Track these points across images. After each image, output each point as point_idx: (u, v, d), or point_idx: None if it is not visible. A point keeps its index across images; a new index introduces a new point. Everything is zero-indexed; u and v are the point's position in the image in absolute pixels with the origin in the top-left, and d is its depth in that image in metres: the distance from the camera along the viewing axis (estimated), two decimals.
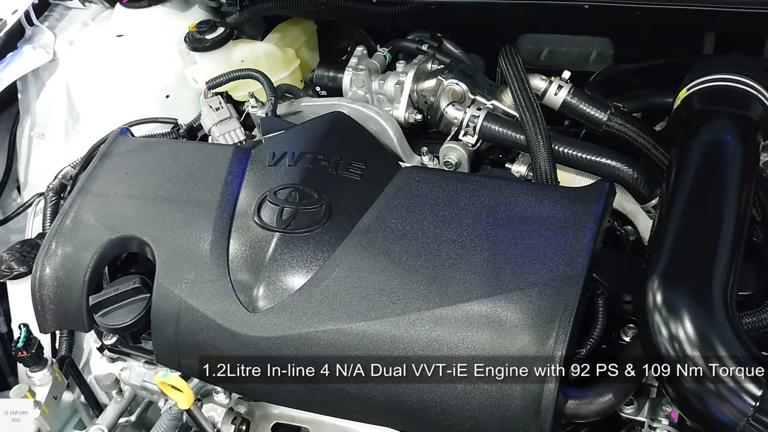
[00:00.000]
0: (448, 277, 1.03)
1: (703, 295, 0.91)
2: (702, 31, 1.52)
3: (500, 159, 1.35)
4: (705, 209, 0.98)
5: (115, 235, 1.23)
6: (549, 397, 0.93)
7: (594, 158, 1.20)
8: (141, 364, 1.31)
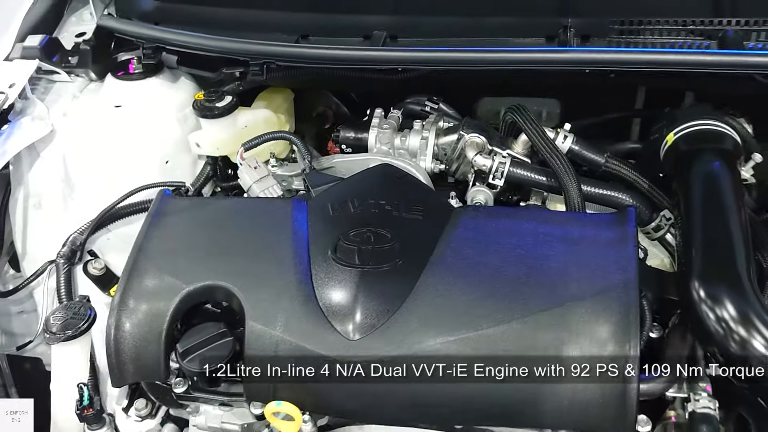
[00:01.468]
0: (524, 293, 1.23)
1: (737, 284, 1.18)
2: (635, 89, 1.86)
3: (510, 199, 1.60)
4: (718, 219, 1.28)
5: (192, 286, 1.32)
6: (633, 384, 1.14)
7: (603, 192, 1.48)
8: (215, 407, 1.38)
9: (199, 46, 1.67)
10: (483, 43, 1.59)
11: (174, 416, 1.62)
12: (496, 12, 1.64)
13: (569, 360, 1.17)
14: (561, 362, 1.17)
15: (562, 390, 1.17)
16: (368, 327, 1.23)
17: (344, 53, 1.58)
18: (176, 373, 1.34)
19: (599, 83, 1.69)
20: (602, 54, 1.49)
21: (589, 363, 1.16)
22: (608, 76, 1.57)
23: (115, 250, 1.78)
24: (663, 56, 1.47)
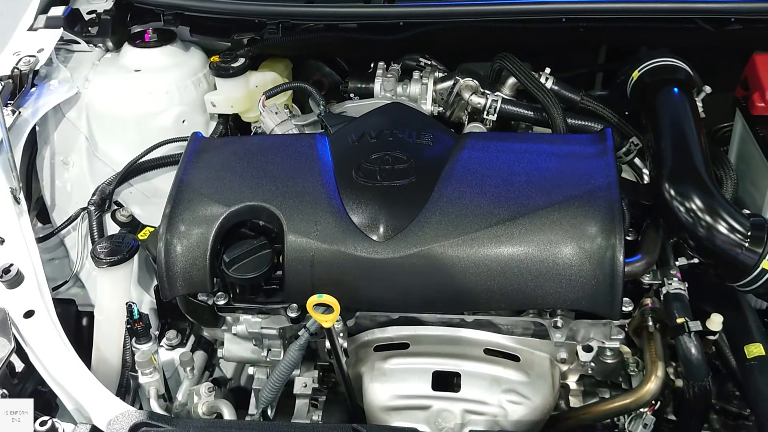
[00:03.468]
0: (524, 196, 1.44)
1: (701, 182, 1.42)
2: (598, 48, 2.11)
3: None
4: (684, 133, 1.52)
5: (234, 207, 1.50)
6: (619, 266, 1.35)
7: (581, 122, 1.73)
8: (254, 316, 1.55)
9: (218, 9, 1.86)
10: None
11: (203, 343, 1.80)
12: None
13: (566, 248, 1.39)
14: (559, 250, 1.39)
15: (562, 275, 1.39)
16: (392, 231, 1.43)
17: (351, 11, 1.80)
18: (219, 287, 1.52)
19: (568, 42, 1.95)
20: (576, 5, 1.74)
21: (582, 249, 1.38)
22: (579, 30, 1.82)
23: (137, 202, 1.95)
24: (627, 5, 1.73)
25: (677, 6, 1.71)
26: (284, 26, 1.84)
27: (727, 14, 1.72)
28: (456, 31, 1.91)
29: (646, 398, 1.47)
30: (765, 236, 1.35)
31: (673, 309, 1.45)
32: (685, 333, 1.41)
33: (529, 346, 1.53)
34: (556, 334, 1.47)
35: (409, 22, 1.82)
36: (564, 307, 1.45)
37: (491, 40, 1.97)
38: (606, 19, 1.77)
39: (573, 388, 1.64)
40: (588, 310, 1.42)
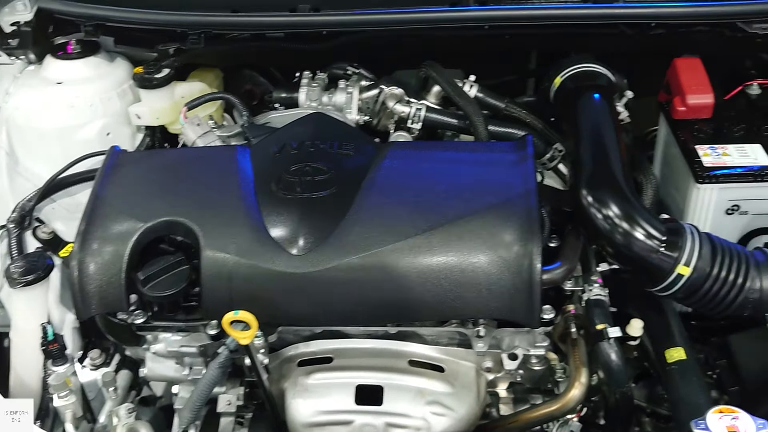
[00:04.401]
0: (444, 205, 1.44)
1: (617, 189, 1.42)
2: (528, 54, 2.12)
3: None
4: (602, 139, 1.52)
5: (150, 222, 1.46)
6: (537, 273, 1.34)
7: (504, 129, 1.72)
8: (173, 334, 1.52)
9: (139, 20, 1.82)
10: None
11: (128, 362, 1.76)
12: None
13: (484, 257, 1.38)
14: (478, 260, 1.38)
15: (481, 284, 1.38)
16: (311, 244, 1.41)
17: (272, 20, 1.78)
18: (136, 306, 1.48)
19: (497, 48, 1.95)
20: (497, 12, 1.73)
21: (500, 257, 1.37)
22: (505, 38, 1.82)
23: (60, 218, 1.88)
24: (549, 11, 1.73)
25: (597, 12, 1.72)
26: (207, 36, 1.81)
27: (648, 20, 1.72)
28: (384, 39, 1.89)
29: (571, 405, 1.47)
30: (680, 241, 1.36)
31: (593, 315, 1.45)
32: (604, 339, 1.41)
33: (454, 356, 1.51)
34: (479, 344, 1.46)
35: (332, 31, 1.80)
36: (484, 317, 1.44)
37: (422, 47, 1.97)
38: (531, 26, 1.77)
39: (503, 395, 1.63)
40: (507, 319, 1.42)
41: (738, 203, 1.60)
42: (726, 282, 1.35)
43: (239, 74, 2.20)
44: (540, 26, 1.77)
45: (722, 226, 1.62)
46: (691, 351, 1.48)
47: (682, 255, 1.35)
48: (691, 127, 1.70)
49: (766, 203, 1.59)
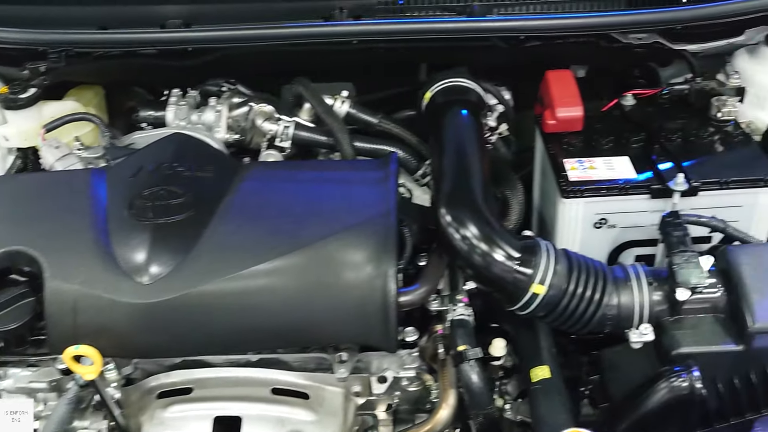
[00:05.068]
0: (300, 228, 1.39)
1: (475, 209, 1.39)
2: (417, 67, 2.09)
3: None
4: (463, 157, 1.50)
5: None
6: (391, 295, 1.31)
7: (376, 146, 1.69)
8: (23, 369, 1.45)
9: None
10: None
11: None
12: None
13: (340, 280, 1.34)
14: (334, 283, 1.34)
15: (336, 308, 1.34)
16: (160, 272, 1.35)
17: (140, 36, 1.71)
18: None
19: (381, 62, 1.92)
20: (369, 26, 1.70)
21: (355, 281, 1.33)
22: (381, 51, 1.79)
23: None
24: (419, 26, 1.71)
25: (467, 26, 1.69)
26: (69, 54, 1.73)
27: (517, 32, 1.71)
28: (263, 55, 1.85)
29: (438, 427, 1.44)
30: (534, 259, 1.34)
31: (456, 336, 1.42)
32: (464, 361, 1.39)
33: (320, 382, 1.47)
34: (340, 369, 1.42)
35: (201, 47, 1.75)
36: (342, 342, 1.41)
37: (305, 62, 1.93)
38: (405, 40, 1.73)
39: (382, 418, 1.59)
40: (364, 344, 1.38)
41: (605, 217, 1.58)
42: (583, 298, 1.34)
43: (124, 92, 2.13)
44: (414, 40, 1.74)
45: (592, 240, 1.61)
46: (557, 369, 1.46)
47: (536, 273, 1.33)
48: (560, 141, 1.69)
49: (633, 216, 1.57)
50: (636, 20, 1.69)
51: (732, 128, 1.70)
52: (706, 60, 1.95)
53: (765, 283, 1.32)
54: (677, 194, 1.51)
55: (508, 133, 1.83)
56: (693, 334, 1.34)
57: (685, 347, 1.32)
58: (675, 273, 1.34)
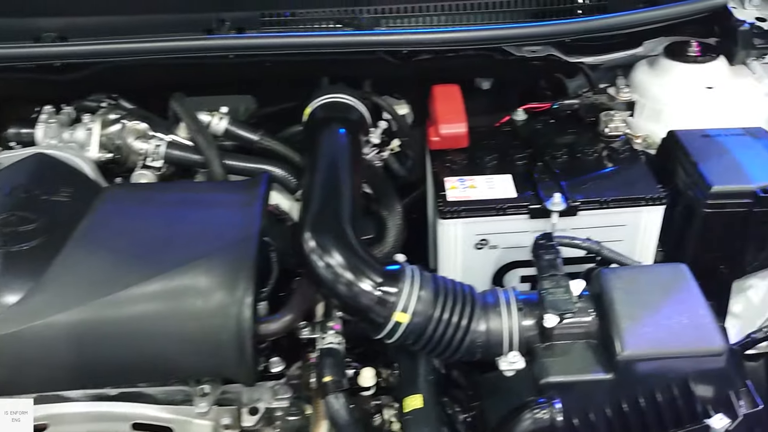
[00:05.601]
0: (157, 255, 1.32)
1: (342, 235, 1.32)
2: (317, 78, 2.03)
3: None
4: (332, 180, 1.43)
5: None
6: (246, 324, 1.24)
7: (255, 165, 1.62)
8: None
9: None
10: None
11: None
12: (157, 10, 1.75)
13: (195, 310, 1.26)
14: (189, 313, 1.27)
15: (190, 340, 1.27)
16: (6, 303, 1.27)
17: (8, 51, 1.63)
18: None
19: (285, 75, 1.86)
20: (249, 40, 1.64)
21: (210, 310, 1.26)
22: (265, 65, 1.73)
23: None
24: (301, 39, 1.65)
25: (351, 40, 1.64)
26: None
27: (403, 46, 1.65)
28: (145, 68, 1.77)
29: None
30: (397, 287, 1.28)
31: (324, 366, 1.36)
32: (330, 393, 1.32)
33: (186, 415, 1.39)
34: (201, 403, 1.35)
35: (72, 63, 1.67)
36: (198, 375, 1.33)
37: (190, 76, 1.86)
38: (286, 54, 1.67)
39: None
40: (220, 376, 1.31)
41: (486, 238, 1.53)
42: (450, 324, 1.28)
43: (11, 108, 2.04)
44: (298, 54, 1.67)
45: (474, 261, 1.55)
46: (432, 397, 1.40)
47: (398, 301, 1.27)
48: (444, 158, 1.63)
49: (515, 237, 1.52)
50: (524, 34, 1.64)
51: (619, 144, 1.65)
52: (611, 72, 1.92)
53: (637, 309, 1.27)
54: (555, 214, 1.46)
55: (400, 149, 1.78)
56: (563, 361, 1.29)
57: (553, 376, 1.27)
58: (543, 298, 1.29)
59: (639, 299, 1.28)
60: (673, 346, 1.24)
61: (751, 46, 1.79)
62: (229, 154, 1.62)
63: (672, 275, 1.33)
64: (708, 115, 1.73)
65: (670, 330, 1.25)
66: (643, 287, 1.30)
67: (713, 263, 1.58)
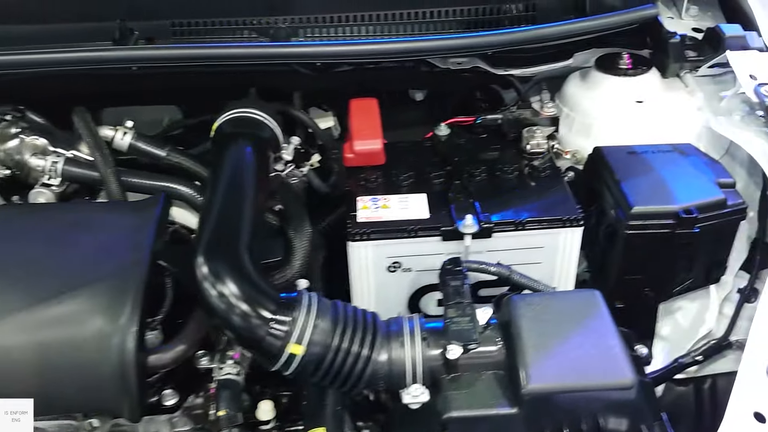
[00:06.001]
0: (38, 283, 1.24)
1: (237, 262, 1.24)
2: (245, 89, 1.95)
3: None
4: (231, 200, 1.35)
5: None
6: (129, 355, 1.17)
7: (159, 183, 1.53)
8: None
9: None
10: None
11: None
12: (65, 19, 1.67)
13: (74, 341, 1.18)
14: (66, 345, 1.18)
15: (70, 373, 1.19)
16: None
17: None
18: None
19: (209, 86, 1.78)
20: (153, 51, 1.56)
21: (90, 341, 1.18)
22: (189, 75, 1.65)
23: None
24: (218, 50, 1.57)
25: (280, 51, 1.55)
26: None
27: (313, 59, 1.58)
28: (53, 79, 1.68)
29: None
30: (292, 317, 1.20)
31: (219, 399, 1.29)
32: (224, 428, 1.25)
33: None
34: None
35: None
36: (82, 410, 1.25)
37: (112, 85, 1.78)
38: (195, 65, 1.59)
39: None
40: (102, 411, 1.23)
41: (398, 260, 1.46)
42: (349, 355, 1.20)
43: None
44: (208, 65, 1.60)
45: (388, 284, 1.48)
46: (336, 429, 1.33)
47: (292, 332, 1.19)
48: (358, 176, 1.56)
49: (428, 259, 1.44)
50: (443, 46, 1.58)
51: (540, 162, 1.59)
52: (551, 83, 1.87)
53: (545, 339, 1.20)
54: (468, 237, 1.40)
55: (321, 164, 1.70)
56: (468, 395, 1.21)
57: (456, 410, 1.19)
58: (447, 328, 1.22)
59: (548, 328, 1.22)
60: (580, 378, 1.17)
61: (683, 59, 1.73)
62: (133, 172, 1.54)
63: (584, 303, 1.26)
64: (637, 131, 1.67)
65: (578, 362, 1.18)
66: (553, 316, 1.23)
67: (637, 286, 1.52)
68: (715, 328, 1.63)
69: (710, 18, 1.92)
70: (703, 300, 1.64)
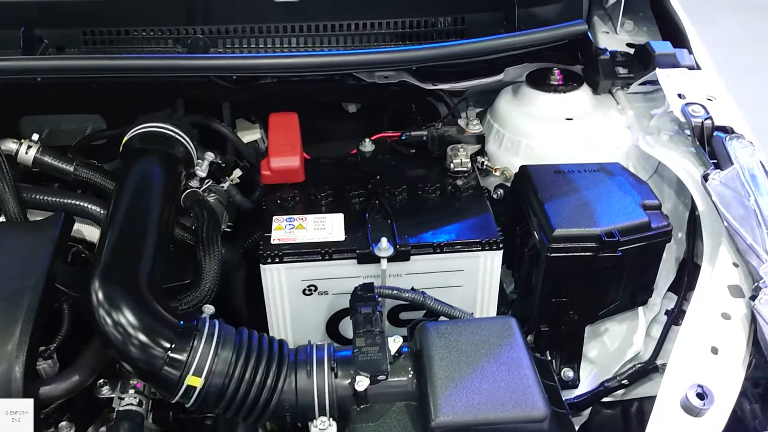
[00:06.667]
0: None
1: (136, 289, 1.18)
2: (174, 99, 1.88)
3: None
4: (133, 221, 1.29)
5: None
6: (16, 386, 1.11)
7: (65, 200, 1.44)
8: None
9: None
10: None
11: None
12: None
13: None
14: None
15: None
16: None
17: None
18: None
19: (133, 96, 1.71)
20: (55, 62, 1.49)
21: None
22: None
23: None
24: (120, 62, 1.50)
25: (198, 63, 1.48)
26: None
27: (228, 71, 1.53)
28: None
29: None
30: (192, 347, 1.14)
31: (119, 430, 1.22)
32: None
33: None
34: None
35: None
36: None
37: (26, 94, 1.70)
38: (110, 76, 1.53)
39: None
40: None
41: (314, 283, 1.40)
42: (253, 385, 1.15)
43: None
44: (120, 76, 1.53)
45: (304, 307, 1.42)
46: None
47: (191, 363, 1.13)
48: (275, 194, 1.50)
49: (345, 282, 1.39)
50: (364, 60, 1.53)
51: (463, 182, 1.54)
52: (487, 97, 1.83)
53: (456, 369, 1.15)
54: (384, 260, 1.35)
55: (242, 179, 1.64)
56: (377, 427, 1.16)
57: None
58: (356, 358, 1.17)
59: (460, 358, 1.17)
60: (492, 411, 1.13)
61: (613, 76, 1.71)
62: (36, 188, 1.45)
63: (498, 331, 1.22)
64: (567, 148, 1.64)
65: (490, 393, 1.14)
66: (466, 345, 1.19)
67: (562, 308, 1.48)
68: (642, 350, 1.61)
69: (645, 33, 1.90)
70: (631, 322, 1.62)
